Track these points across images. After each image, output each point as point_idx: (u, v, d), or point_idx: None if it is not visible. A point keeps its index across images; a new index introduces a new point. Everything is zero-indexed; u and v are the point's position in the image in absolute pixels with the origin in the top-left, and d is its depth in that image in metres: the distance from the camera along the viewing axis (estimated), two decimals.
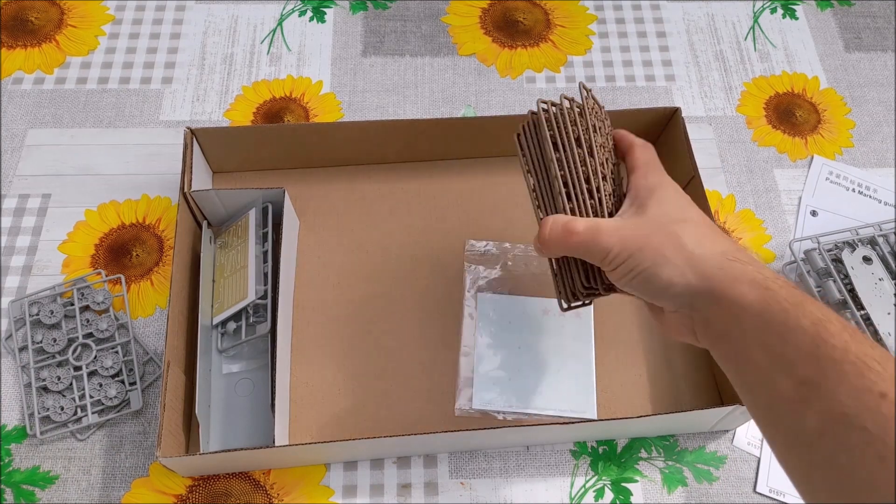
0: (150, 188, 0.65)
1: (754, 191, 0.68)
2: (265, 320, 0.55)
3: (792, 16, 0.80)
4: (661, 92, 0.74)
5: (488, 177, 0.67)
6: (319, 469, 0.54)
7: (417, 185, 0.66)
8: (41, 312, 0.57)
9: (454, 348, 0.59)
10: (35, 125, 0.68)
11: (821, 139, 0.72)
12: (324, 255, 0.62)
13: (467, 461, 0.55)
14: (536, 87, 0.73)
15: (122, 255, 0.62)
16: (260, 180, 0.65)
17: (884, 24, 0.80)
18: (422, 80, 0.73)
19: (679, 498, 0.54)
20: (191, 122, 0.69)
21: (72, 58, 0.73)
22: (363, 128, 0.62)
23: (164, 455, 0.47)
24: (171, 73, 0.72)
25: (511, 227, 0.64)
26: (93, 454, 0.54)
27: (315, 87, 0.72)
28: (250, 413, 0.55)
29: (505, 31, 0.77)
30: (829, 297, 0.59)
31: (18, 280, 0.61)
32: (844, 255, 0.60)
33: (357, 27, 0.77)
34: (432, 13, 0.78)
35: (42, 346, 0.57)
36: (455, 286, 0.61)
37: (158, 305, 0.60)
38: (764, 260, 0.65)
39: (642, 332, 0.60)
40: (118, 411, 0.55)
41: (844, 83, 0.75)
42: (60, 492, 0.53)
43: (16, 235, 0.63)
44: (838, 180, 0.69)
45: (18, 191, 0.65)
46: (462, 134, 0.64)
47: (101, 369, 0.56)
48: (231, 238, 0.59)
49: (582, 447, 0.56)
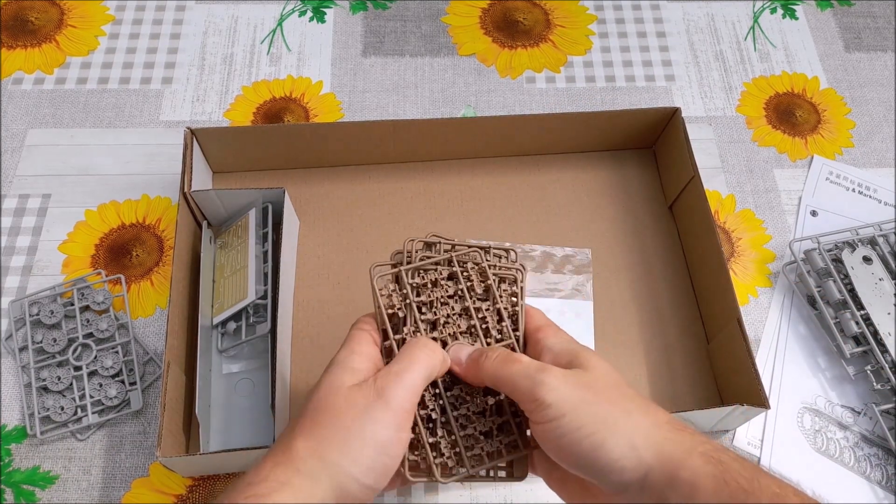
0: (150, 188, 0.65)
1: (754, 191, 0.68)
2: (265, 320, 0.55)
3: (792, 16, 0.80)
4: (661, 92, 0.74)
5: (488, 177, 0.67)
6: None
7: (417, 185, 0.66)
8: (41, 312, 0.57)
9: None
10: (35, 125, 0.68)
11: (821, 139, 0.72)
12: (324, 255, 0.62)
13: None
14: (536, 87, 0.73)
15: (122, 255, 0.62)
16: (260, 180, 0.65)
17: (884, 24, 0.80)
18: (422, 80, 0.73)
19: None
20: (191, 122, 0.69)
21: (72, 58, 0.73)
22: (363, 128, 0.62)
23: (165, 455, 0.47)
24: (171, 73, 0.72)
25: (511, 227, 0.64)
26: (93, 454, 0.54)
27: (315, 87, 0.72)
28: (250, 413, 0.55)
29: (505, 32, 0.77)
30: (830, 297, 0.59)
31: (18, 280, 0.61)
32: (844, 255, 0.60)
33: (357, 27, 0.77)
34: (432, 13, 0.78)
35: (42, 346, 0.57)
36: None
37: (158, 305, 0.60)
38: (764, 260, 0.65)
39: (642, 332, 0.60)
40: (118, 411, 0.55)
41: (844, 83, 0.75)
42: (60, 492, 0.53)
43: (16, 235, 0.63)
44: (838, 180, 0.69)
45: (18, 191, 0.65)
46: (462, 134, 0.64)
47: (102, 369, 0.56)
48: (231, 238, 0.59)
49: None
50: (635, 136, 0.67)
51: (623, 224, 0.65)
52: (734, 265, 0.64)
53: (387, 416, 0.35)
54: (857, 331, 0.57)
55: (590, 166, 0.68)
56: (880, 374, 0.57)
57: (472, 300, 0.43)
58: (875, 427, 0.57)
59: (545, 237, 0.64)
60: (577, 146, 0.67)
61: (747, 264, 0.64)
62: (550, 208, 0.65)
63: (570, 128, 0.65)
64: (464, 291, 0.43)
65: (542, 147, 0.67)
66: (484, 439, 0.40)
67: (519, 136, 0.65)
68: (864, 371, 0.58)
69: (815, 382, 0.59)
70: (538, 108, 0.72)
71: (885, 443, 0.57)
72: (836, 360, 0.59)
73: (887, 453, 0.57)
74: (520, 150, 0.67)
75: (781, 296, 0.63)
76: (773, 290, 0.63)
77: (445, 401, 0.40)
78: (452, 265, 0.43)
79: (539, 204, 0.65)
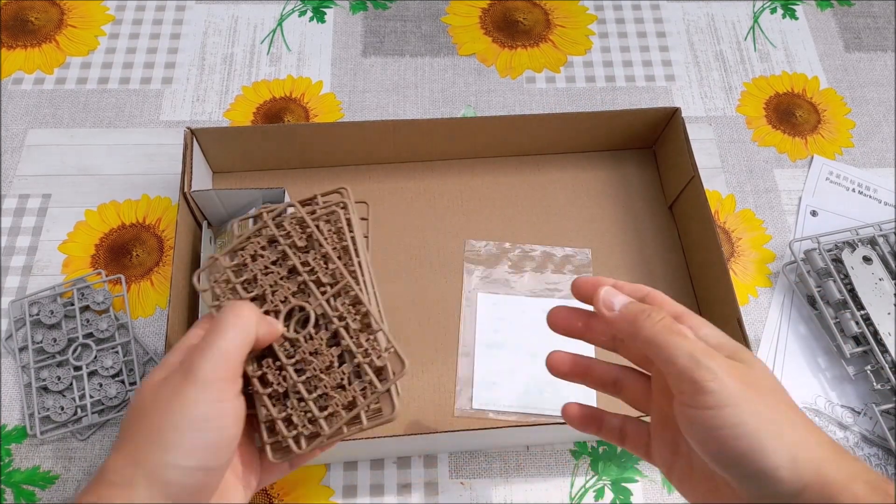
0: (150, 188, 0.65)
1: (754, 191, 0.68)
2: None
3: (792, 16, 0.80)
4: (661, 92, 0.74)
5: (488, 177, 0.67)
6: (319, 469, 0.54)
7: (417, 185, 0.66)
8: (41, 312, 0.57)
9: (454, 348, 0.59)
10: (35, 125, 0.68)
11: (821, 139, 0.72)
12: None
13: (467, 461, 0.55)
14: (536, 87, 0.73)
15: (122, 255, 0.62)
16: (260, 180, 0.65)
17: (884, 24, 0.80)
18: (422, 80, 0.73)
19: (679, 498, 0.54)
20: (191, 122, 0.69)
21: (72, 58, 0.73)
22: (363, 128, 0.62)
23: None
24: (171, 73, 0.72)
25: (511, 227, 0.64)
26: (93, 454, 0.54)
27: (315, 88, 0.72)
28: None
29: (505, 32, 0.77)
30: (829, 297, 0.59)
31: (18, 280, 0.61)
32: (844, 255, 0.60)
33: (357, 27, 0.77)
34: (432, 13, 0.78)
35: (42, 346, 0.57)
36: (455, 286, 0.61)
37: (158, 305, 0.60)
38: (764, 260, 0.65)
39: None
40: (118, 411, 0.55)
41: (844, 83, 0.75)
42: (60, 492, 0.53)
43: (16, 235, 0.63)
44: (838, 180, 0.69)
45: (18, 191, 0.65)
46: (462, 134, 0.64)
47: (102, 369, 0.56)
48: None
49: (582, 447, 0.56)
50: (635, 136, 0.67)
51: (623, 224, 0.65)
52: (734, 265, 0.64)
53: (198, 391, 0.34)
54: (857, 331, 0.57)
55: (590, 166, 0.68)
56: (880, 374, 0.58)
57: (297, 256, 0.41)
58: (875, 427, 0.57)
59: (545, 237, 0.64)
60: (577, 146, 0.67)
61: (747, 264, 0.64)
62: (550, 208, 0.65)
63: (570, 128, 0.65)
64: (286, 251, 0.41)
65: (542, 147, 0.67)
66: (339, 394, 0.38)
67: (519, 136, 0.65)
68: (864, 371, 0.58)
69: (815, 382, 0.59)
70: (538, 108, 0.72)
71: (885, 443, 0.57)
72: (836, 360, 0.59)
73: (887, 453, 0.57)
74: (520, 150, 0.67)
75: (781, 296, 0.63)
76: (773, 290, 0.63)
77: (290, 371, 0.39)
78: (264, 232, 0.41)
79: (539, 204, 0.65)
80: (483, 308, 0.60)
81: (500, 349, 0.58)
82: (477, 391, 0.56)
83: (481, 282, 0.61)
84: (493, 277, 0.61)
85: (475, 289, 0.61)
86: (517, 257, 0.62)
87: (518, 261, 0.62)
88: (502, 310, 0.60)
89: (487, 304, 0.60)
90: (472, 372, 0.57)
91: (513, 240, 0.63)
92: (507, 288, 0.61)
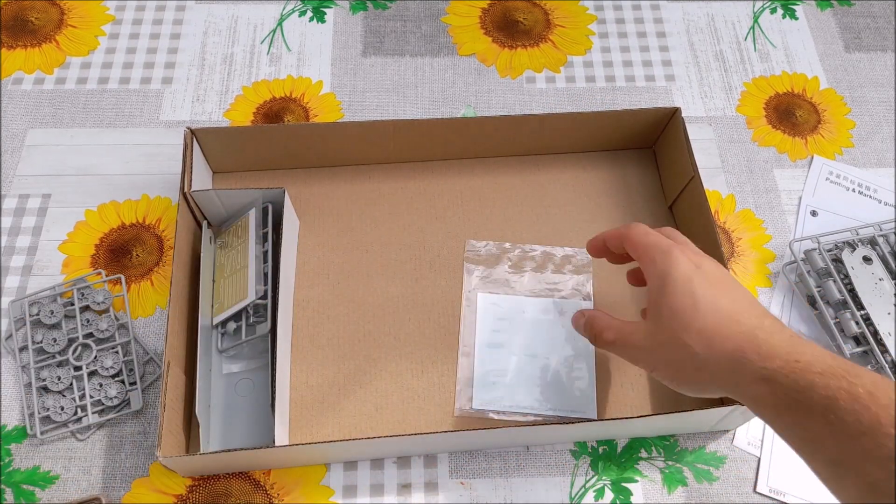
0: (150, 188, 0.66)
1: (754, 191, 0.68)
2: (265, 320, 0.55)
3: (792, 16, 0.80)
4: (661, 92, 0.74)
5: (488, 177, 0.67)
6: (319, 469, 0.54)
7: (417, 185, 0.66)
8: (41, 312, 0.58)
9: (454, 348, 0.59)
10: (35, 125, 0.68)
11: (821, 139, 0.72)
12: (324, 255, 0.62)
13: (467, 461, 0.55)
14: (536, 88, 0.73)
15: (122, 255, 0.62)
16: (260, 180, 0.65)
17: (884, 24, 0.80)
18: (422, 80, 0.73)
19: (679, 498, 0.54)
20: (191, 122, 0.69)
21: (72, 58, 0.73)
22: (363, 128, 0.62)
23: (165, 455, 0.47)
24: (171, 73, 0.72)
25: (511, 227, 0.64)
26: (93, 454, 0.54)
27: (315, 88, 0.72)
28: (250, 413, 0.55)
29: (505, 32, 0.77)
30: (829, 297, 0.59)
31: (18, 280, 0.61)
32: (844, 255, 0.60)
33: (357, 27, 0.77)
34: (432, 13, 0.78)
35: (42, 346, 0.57)
36: (455, 286, 0.61)
37: (158, 305, 0.60)
38: (764, 260, 0.65)
39: None
40: (118, 411, 0.55)
41: (844, 83, 0.75)
42: (60, 492, 0.53)
43: (16, 235, 0.63)
44: (838, 180, 0.69)
45: (18, 191, 0.65)
46: (462, 134, 0.64)
47: (102, 369, 0.56)
48: (231, 238, 0.59)
49: (582, 447, 0.56)
50: (635, 136, 0.67)
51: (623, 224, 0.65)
52: (734, 265, 0.64)
53: None
54: (857, 331, 0.57)
55: (590, 166, 0.68)
56: None
57: None
58: None
59: (545, 237, 0.64)
60: (577, 146, 0.67)
61: (747, 264, 0.64)
62: (550, 208, 0.65)
63: (570, 128, 0.65)
64: None
65: (542, 147, 0.67)
66: None
67: (519, 136, 0.65)
68: None
69: None
70: (538, 108, 0.72)
71: None
72: None
73: None
74: (520, 150, 0.67)
75: (781, 296, 0.63)
76: (773, 290, 0.63)
77: None
78: None
79: (539, 204, 0.65)
80: (483, 308, 0.60)
81: (500, 349, 0.58)
82: (477, 391, 0.56)
83: (481, 282, 0.61)
84: (493, 277, 0.61)
85: (475, 289, 0.61)
86: (517, 257, 0.62)
87: (518, 261, 0.62)
88: (502, 310, 0.60)
89: (487, 304, 0.60)
90: (472, 372, 0.57)
91: (513, 240, 0.63)
92: (507, 288, 0.61)
